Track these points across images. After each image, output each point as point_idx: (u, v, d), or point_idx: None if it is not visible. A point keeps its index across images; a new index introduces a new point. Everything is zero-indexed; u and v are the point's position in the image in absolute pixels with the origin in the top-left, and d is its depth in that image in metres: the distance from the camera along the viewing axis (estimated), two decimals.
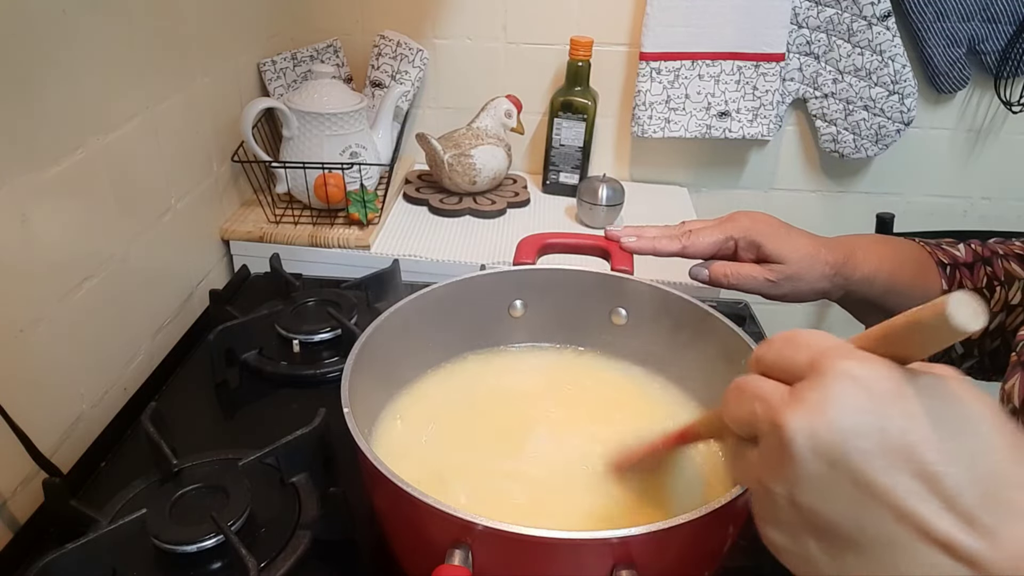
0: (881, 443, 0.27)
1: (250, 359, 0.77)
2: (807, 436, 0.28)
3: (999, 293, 0.62)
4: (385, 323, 0.58)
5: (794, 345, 0.32)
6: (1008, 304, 0.62)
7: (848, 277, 0.62)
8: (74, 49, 0.66)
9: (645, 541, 0.40)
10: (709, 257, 0.66)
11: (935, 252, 0.65)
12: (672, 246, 0.65)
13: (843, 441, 0.28)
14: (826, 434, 0.28)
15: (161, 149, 0.83)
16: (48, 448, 0.63)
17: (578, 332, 0.69)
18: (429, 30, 1.25)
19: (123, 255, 0.76)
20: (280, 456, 0.60)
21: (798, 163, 1.37)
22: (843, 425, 0.28)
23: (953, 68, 1.23)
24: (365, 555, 0.57)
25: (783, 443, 0.29)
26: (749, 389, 0.32)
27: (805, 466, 0.28)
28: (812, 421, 0.28)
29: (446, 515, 0.41)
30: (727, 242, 0.65)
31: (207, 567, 0.54)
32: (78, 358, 0.69)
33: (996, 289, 0.62)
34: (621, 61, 1.26)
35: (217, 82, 0.97)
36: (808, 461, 0.28)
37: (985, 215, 1.40)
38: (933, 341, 0.28)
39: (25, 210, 0.61)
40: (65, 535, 0.53)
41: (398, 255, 1.01)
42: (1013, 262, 0.63)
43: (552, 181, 1.27)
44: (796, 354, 0.31)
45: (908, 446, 0.27)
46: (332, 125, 1.02)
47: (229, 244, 1.03)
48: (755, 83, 1.23)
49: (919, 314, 0.27)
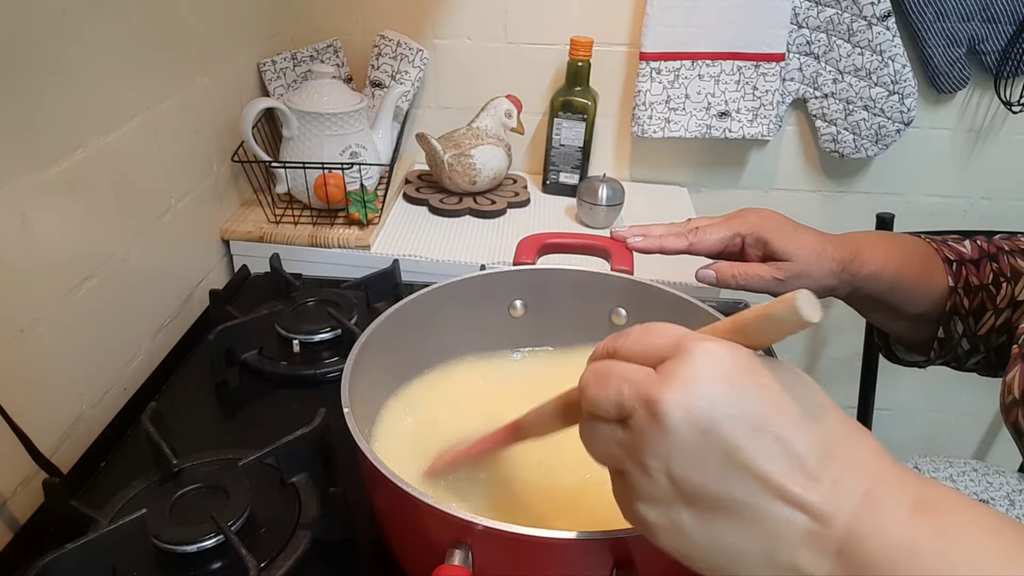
0: (743, 410, 0.30)
1: (250, 359, 0.77)
2: (682, 408, 0.30)
3: (1005, 289, 0.62)
4: (385, 323, 0.58)
5: (652, 333, 0.34)
6: (1014, 300, 0.62)
7: (855, 274, 0.62)
8: (74, 49, 0.66)
9: (645, 541, 0.40)
10: (716, 254, 0.64)
11: (941, 248, 0.65)
12: (679, 244, 0.64)
13: (712, 408, 0.30)
14: (697, 403, 0.30)
15: (161, 149, 0.83)
16: (48, 448, 0.63)
17: (578, 332, 0.69)
18: (429, 30, 1.25)
19: (123, 255, 0.76)
20: (280, 456, 0.60)
21: (798, 163, 1.37)
22: (712, 395, 0.30)
23: (953, 68, 1.23)
24: (365, 555, 0.57)
25: (658, 417, 0.31)
26: (614, 373, 0.34)
27: (681, 436, 0.31)
28: (685, 394, 0.30)
29: (446, 515, 0.41)
30: (734, 239, 0.63)
31: (207, 567, 0.54)
32: (78, 358, 0.69)
33: (1002, 285, 0.62)
34: (621, 61, 1.26)
35: (217, 82, 0.97)
36: (683, 432, 0.30)
37: (985, 215, 1.40)
38: (780, 331, 0.32)
39: (25, 210, 0.61)
40: (65, 535, 0.53)
41: (398, 255, 1.01)
42: (1019, 258, 0.63)
43: (552, 181, 1.27)
44: (656, 340, 0.34)
45: (764, 413, 0.31)
46: (332, 125, 1.02)
47: (229, 244, 1.03)
48: (755, 83, 1.23)
49: (772, 308, 0.31)
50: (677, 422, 0.30)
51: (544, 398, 0.63)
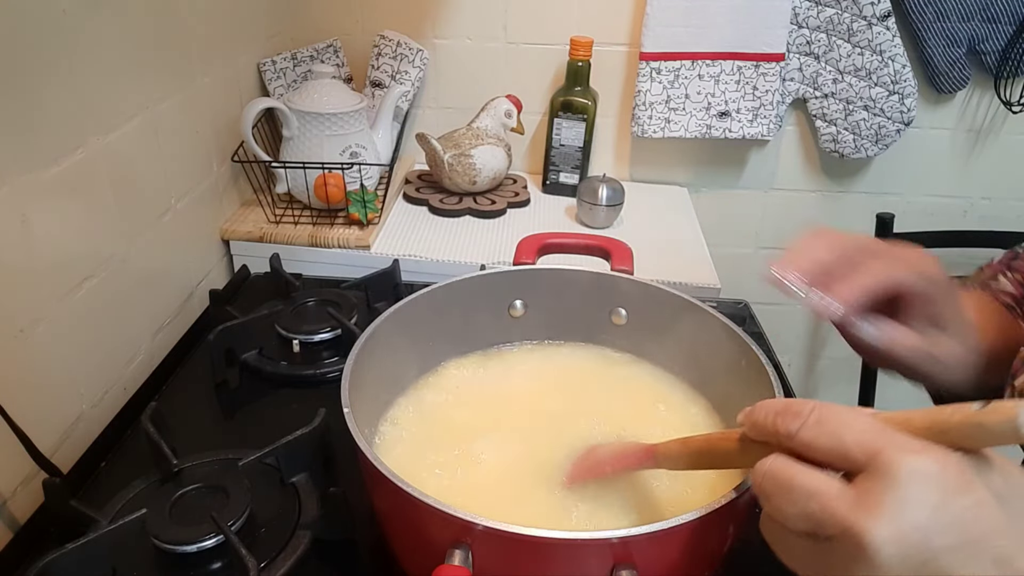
0: (961, 538, 0.28)
1: (250, 359, 0.77)
2: (894, 543, 0.28)
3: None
4: (385, 323, 0.58)
5: (837, 429, 0.31)
6: None
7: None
8: (74, 49, 0.66)
9: (645, 541, 0.40)
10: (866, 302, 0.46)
11: (997, 296, 0.58)
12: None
13: (926, 540, 0.28)
14: (910, 536, 0.28)
15: (161, 149, 0.83)
16: (48, 448, 0.63)
17: (578, 332, 0.69)
18: (429, 30, 1.25)
19: (123, 255, 0.76)
20: (280, 456, 0.60)
21: (798, 163, 1.37)
22: (925, 525, 0.28)
23: (953, 68, 1.23)
24: (365, 555, 0.57)
25: (865, 551, 0.28)
26: (799, 484, 0.30)
27: (892, 571, 0.28)
28: (895, 528, 0.28)
29: (446, 515, 0.41)
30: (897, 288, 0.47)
31: (207, 567, 0.54)
32: (78, 358, 0.69)
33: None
34: (621, 61, 1.26)
35: (217, 82, 0.97)
36: (895, 567, 0.28)
37: (985, 215, 1.40)
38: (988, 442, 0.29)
39: (25, 210, 0.61)
40: (65, 535, 0.53)
41: (398, 255, 1.01)
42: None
43: (552, 181, 1.27)
44: (845, 440, 0.30)
45: (983, 535, 0.28)
46: (332, 125, 1.02)
47: (229, 244, 1.03)
48: (755, 83, 1.23)
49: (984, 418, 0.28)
50: (889, 558, 0.28)
51: (544, 398, 0.64)
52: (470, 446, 0.58)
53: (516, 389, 0.65)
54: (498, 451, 0.58)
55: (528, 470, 0.56)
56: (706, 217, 1.26)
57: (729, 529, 0.47)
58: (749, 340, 0.56)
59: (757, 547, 0.33)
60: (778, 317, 1.49)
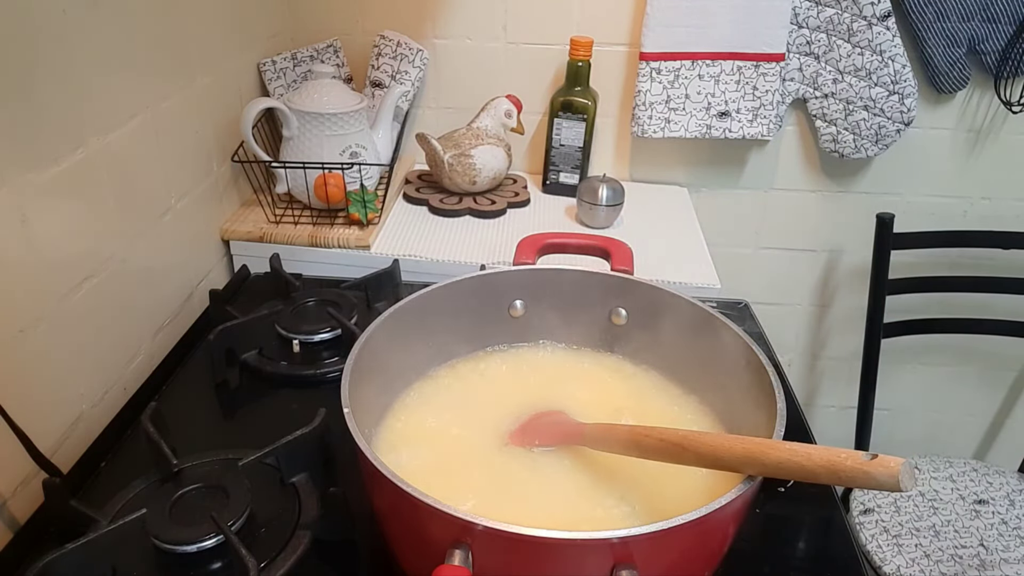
0: None
1: (250, 359, 0.77)
2: None
3: None
4: (385, 323, 0.58)
5: None
6: None
7: None
8: (74, 49, 0.66)
9: (645, 541, 0.40)
10: None
11: None
12: None
13: None
14: None
15: (161, 149, 0.83)
16: (48, 448, 0.63)
17: (578, 332, 0.69)
18: (429, 30, 1.25)
19: (123, 255, 0.76)
20: (280, 456, 0.60)
21: (798, 163, 1.36)
22: None
23: (953, 68, 1.23)
24: (365, 555, 0.57)
25: None
26: None
27: None
28: None
29: (446, 515, 0.41)
30: None
31: (207, 567, 0.54)
32: (78, 358, 0.69)
33: None
34: (621, 61, 1.26)
35: (217, 82, 0.97)
36: None
37: (985, 215, 1.40)
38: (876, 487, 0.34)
39: (25, 210, 0.61)
40: (65, 535, 0.53)
41: (398, 255, 1.01)
42: None
43: (552, 181, 1.27)
44: None
45: None
46: (332, 125, 1.02)
47: (229, 244, 1.03)
48: (755, 83, 1.23)
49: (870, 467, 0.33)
50: None
51: (544, 397, 0.63)
52: (470, 446, 0.58)
53: (516, 389, 0.65)
54: (498, 451, 0.58)
55: (528, 469, 0.56)
56: (706, 217, 1.26)
57: (729, 529, 0.47)
58: (749, 340, 0.56)
59: (757, 547, 0.33)
60: (778, 317, 1.49)
